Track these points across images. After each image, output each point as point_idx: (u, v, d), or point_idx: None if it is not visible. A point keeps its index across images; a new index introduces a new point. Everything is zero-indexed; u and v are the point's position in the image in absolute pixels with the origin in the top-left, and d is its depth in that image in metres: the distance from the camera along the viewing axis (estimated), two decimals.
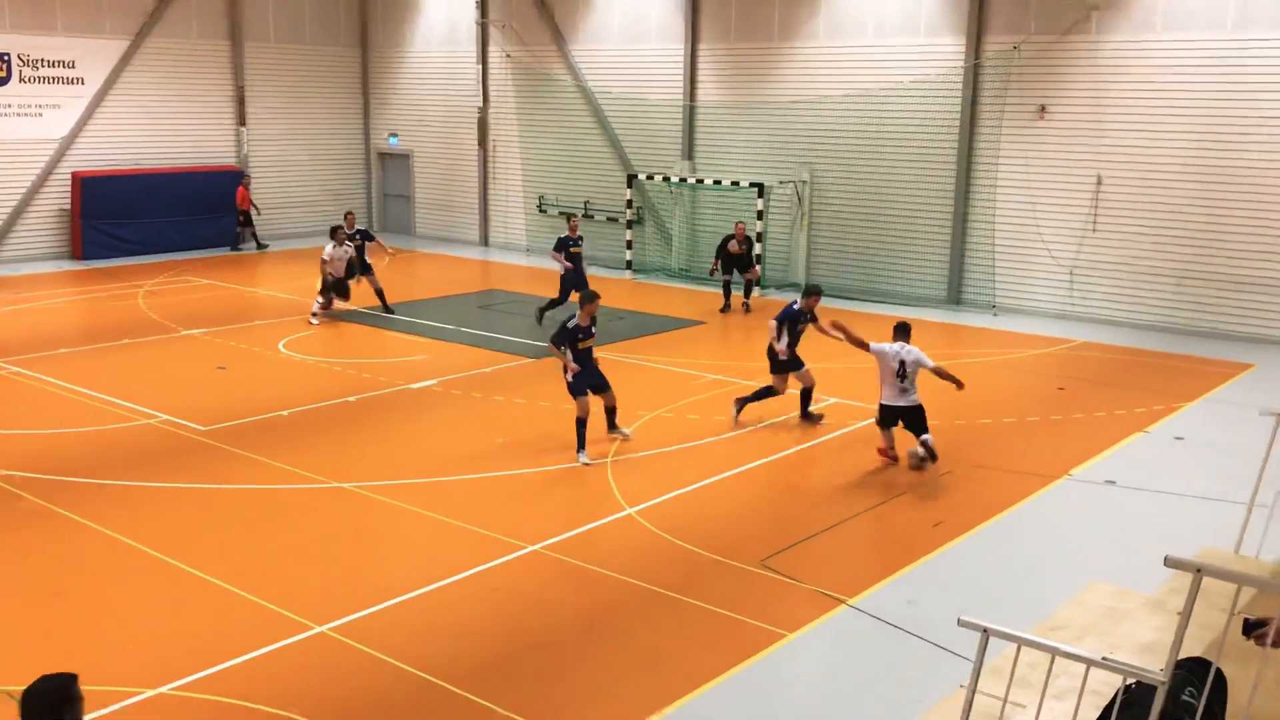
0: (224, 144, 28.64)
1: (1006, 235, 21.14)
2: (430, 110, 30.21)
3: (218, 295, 21.93)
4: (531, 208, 28.13)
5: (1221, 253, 19.01)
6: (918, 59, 21.66)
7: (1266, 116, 18.30)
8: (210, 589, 9.04)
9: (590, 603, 8.96)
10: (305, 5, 29.68)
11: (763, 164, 23.74)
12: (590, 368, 12.51)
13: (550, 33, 27.10)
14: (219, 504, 11.02)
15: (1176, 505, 11.29)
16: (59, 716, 4.10)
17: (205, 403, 14.28)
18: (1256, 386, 15.77)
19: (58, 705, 4.11)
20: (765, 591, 9.15)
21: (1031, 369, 16.94)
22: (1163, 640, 6.46)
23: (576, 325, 12.36)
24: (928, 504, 11.27)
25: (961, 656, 7.75)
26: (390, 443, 13.02)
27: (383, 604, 8.77)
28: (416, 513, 10.75)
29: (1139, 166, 19.62)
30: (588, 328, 12.47)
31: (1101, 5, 19.51)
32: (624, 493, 11.30)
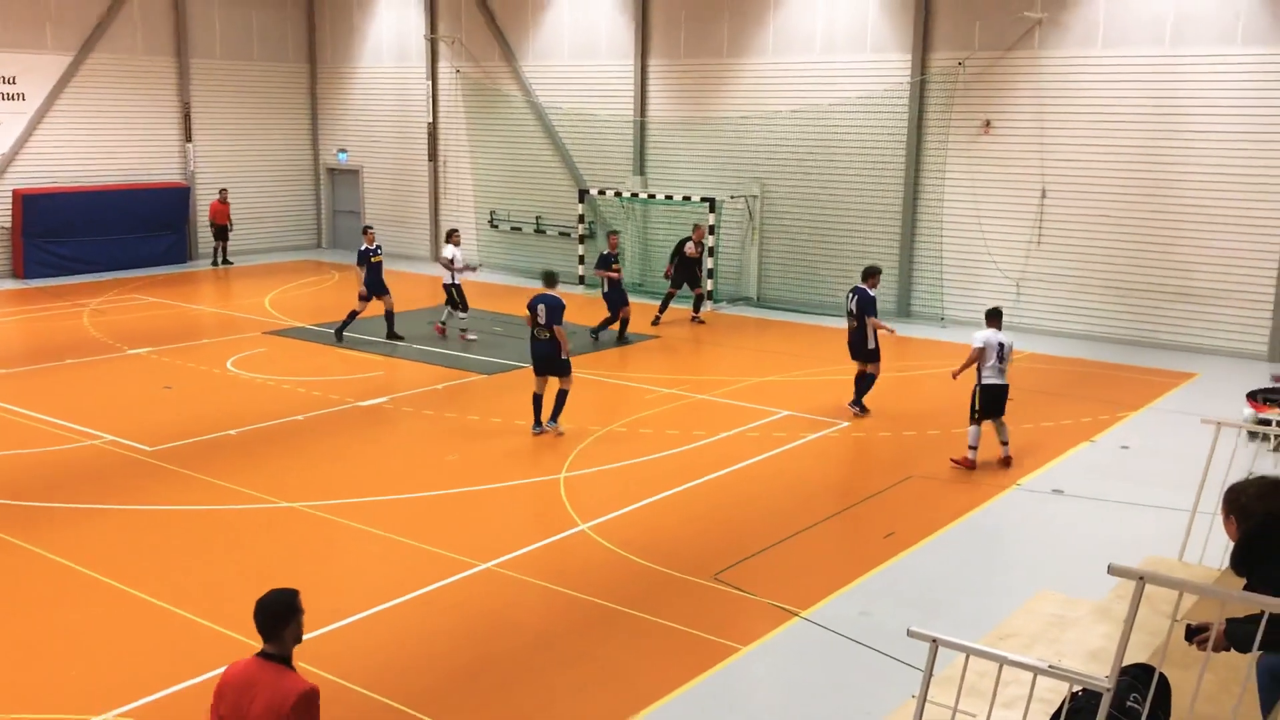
0: (170, 160, 28.32)
1: (954, 248, 21.41)
2: (380, 126, 30.08)
3: (164, 313, 21.65)
4: (483, 223, 28.07)
5: (1163, 264, 19.37)
6: (865, 75, 21.90)
7: (1204, 130, 18.70)
8: (158, 612, 8.90)
9: (544, 620, 8.93)
10: (252, 21, 29.46)
11: (714, 178, 23.87)
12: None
13: (500, 48, 27.11)
14: (166, 526, 10.86)
15: (1123, 513, 11.46)
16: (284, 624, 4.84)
17: (152, 423, 14.08)
18: (1199, 395, 16.07)
19: (285, 614, 4.88)
20: (719, 605, 9.17)
21: None
22: (1110, 647, 6.55)
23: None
24: (879, 515, 11.36)
25: (913, 666, 7.81)
26: (341, 461, 12.91)
27: (334, 625, 8.67)
28: (368, 532, 10.66)
29: (1082, 179, 19.97)
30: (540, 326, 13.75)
31: (1043, 18, 19.85)
32: (578, 508, 11.28)
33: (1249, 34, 18.18)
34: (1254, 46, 18.16)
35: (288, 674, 4.74)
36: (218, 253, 27.90)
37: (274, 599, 4.90)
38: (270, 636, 4.81)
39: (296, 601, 4.91)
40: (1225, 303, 18.89)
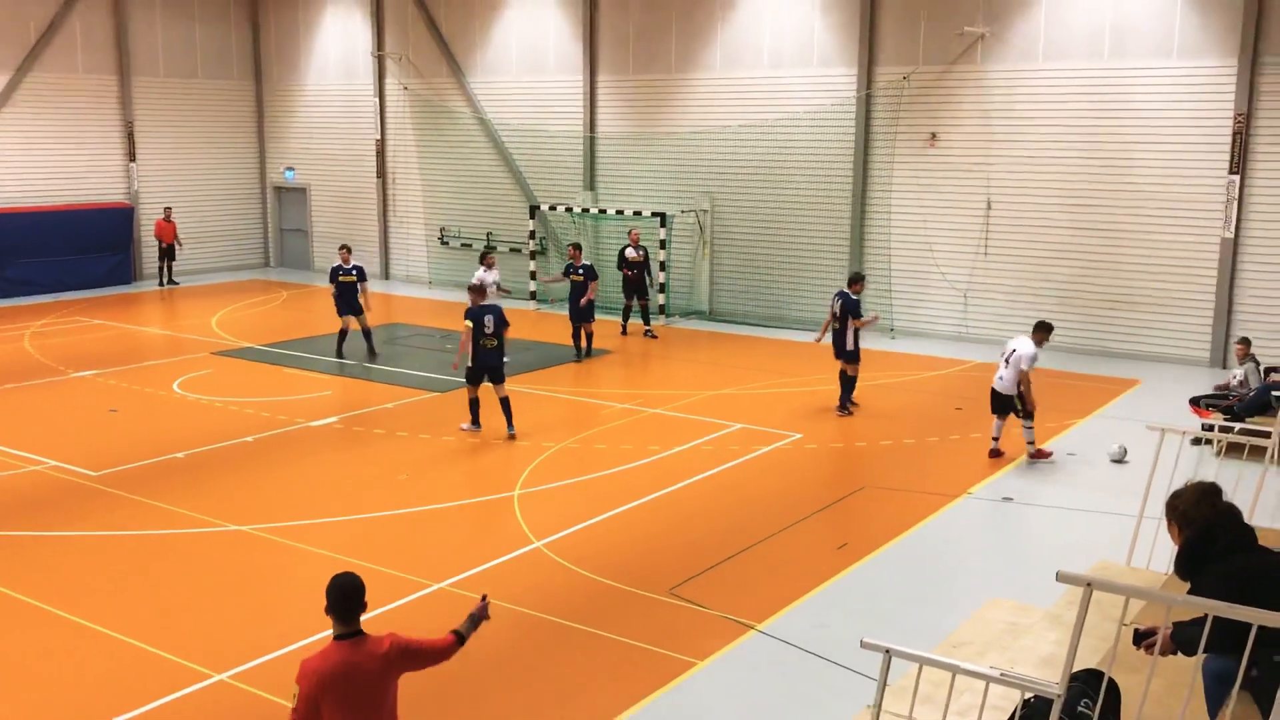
0: (113, 180, 27.93)
1: (902, 260, 21.62)
2: (327, 143, 29.88)
3: (109, 335, 21.31)
4: (433, 240, 27.94)
5: (1106, 273, 19.70)
6: (812, 90, 22.10)
7: (1142, 141, 19.06)
8: (105, 640, 8.73)
9: (498, 639, 8.85)
10: (196, 39, 29.16)
11: (664, 193, 23.95)
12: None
13: (448, 65, 27.05)
14: (112, 552, 10.67)
15: (1071, 520, 11.60)
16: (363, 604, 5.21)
17: (96, 447, 13.84)
18: (1143, 402, 16.33)
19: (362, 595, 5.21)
20: (675, 620, 9.16)
21: (930, 390, 17.30)
22: (1061, 653, 6.62)
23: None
24: (832, 526, 11.41)
25: (868, 677, 7.84)
26: (290, 483, 12.76)
27: (285, 649, 8.55)
28: (318, 554, 10.53)
29: (1026, 191, 20.27)
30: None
31: (985, 33, 20.15)
32: (531, 526, 11.22)
33: (1184, 47, 18.57)
34: (1189, 59, 18.55)
35: (372, 639, 5.21)
36: (163, 272, 27.62)
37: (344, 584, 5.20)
38: (346, 619, 5.18)
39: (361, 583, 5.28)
40: (1167, 310, 19.24)
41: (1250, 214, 18.43)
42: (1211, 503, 5.21)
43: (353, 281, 19.04)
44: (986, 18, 20.16)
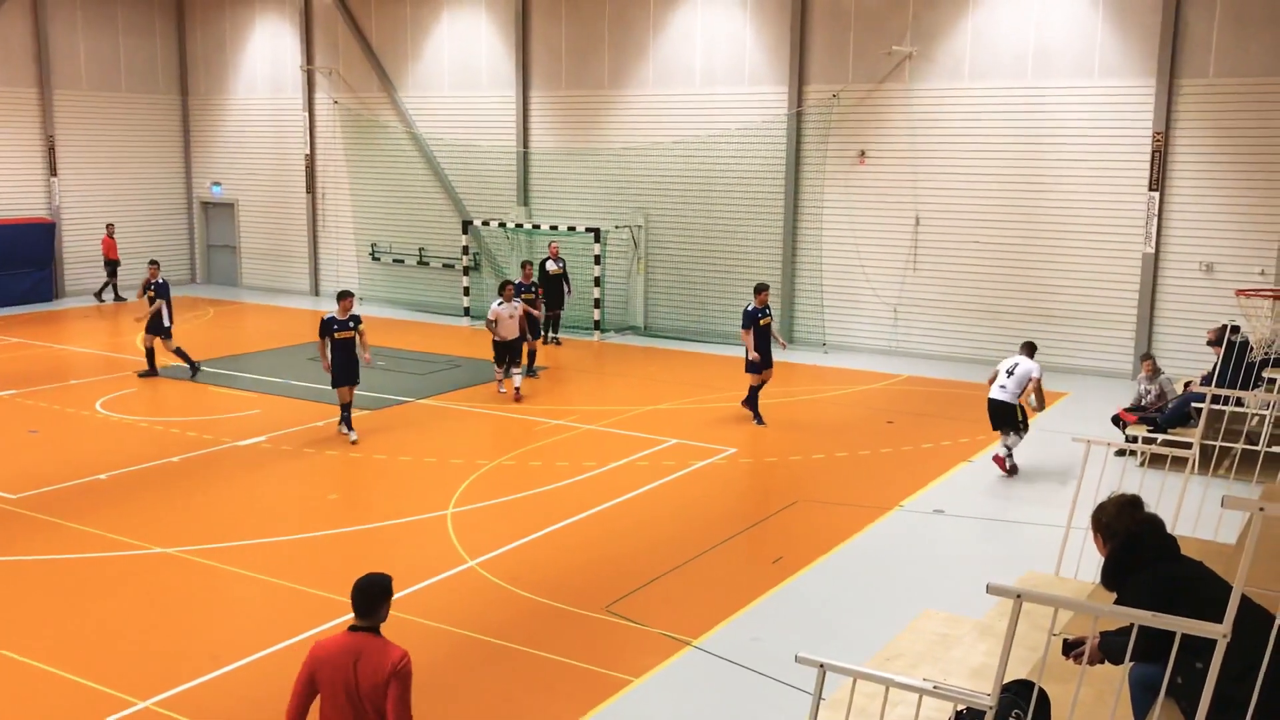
0: (34, 195, 27.28)
1: (833, 275, 21.85)
2: (255, 158, 29.47)
3: (29, 354, 20.76)
4: (364, 256, 27.66)
5: (1033, 287, 20.08)
6: (743, 107, 22.29)
7: (1065, 158, 19.49)
8: (23, 669, 8.47)
9: (433, 660, 8.75)
10: (120, 51, 28.62)
11: (598, 209, 23.97)
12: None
13: (379, 79, 26.85)
14: (31, 576, 10.37)
15: (1001, 531, 11.78)
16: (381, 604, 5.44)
17: (15, 469, 13.46)
18: (1070, 414, 16.64)
19: (382, 596, 5.47)
20: (611, 637, 9.12)
21: (861, 404, 17.48)
22: (993, 664, 6.68)
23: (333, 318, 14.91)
24: (767, 540, 11.46)
25: (803, 691, 7.87)
26: (217, 503, 12.51)
27: (212, 674, 8.38)
28: (246, 576, 10.33)
29: (954, 207, 20.61)
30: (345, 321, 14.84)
31: (913, 52, 20.49)
32: (465, 545, 11.12)
33: (1105, 66, 19.05)
34: (1109, 78, 19.03)
35: (385, 642, 5.35)
36: (105, 288, 27.31)
37: (373, 582, 5.50)
38: (367, 614, 5.38)
39: (390, 585, 5.55)
40: (1092, 324, 19.65)
41: (1169, 230, 18.92)
42: (1132, 514, 5.31)
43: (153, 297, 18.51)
44: (914, 37, 20.51)
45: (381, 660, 5.23)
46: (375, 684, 5.18)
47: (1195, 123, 18.58)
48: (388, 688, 5.19)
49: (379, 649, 5.28)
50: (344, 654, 5.28)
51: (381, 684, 5.19)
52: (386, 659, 5.23)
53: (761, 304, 15.87)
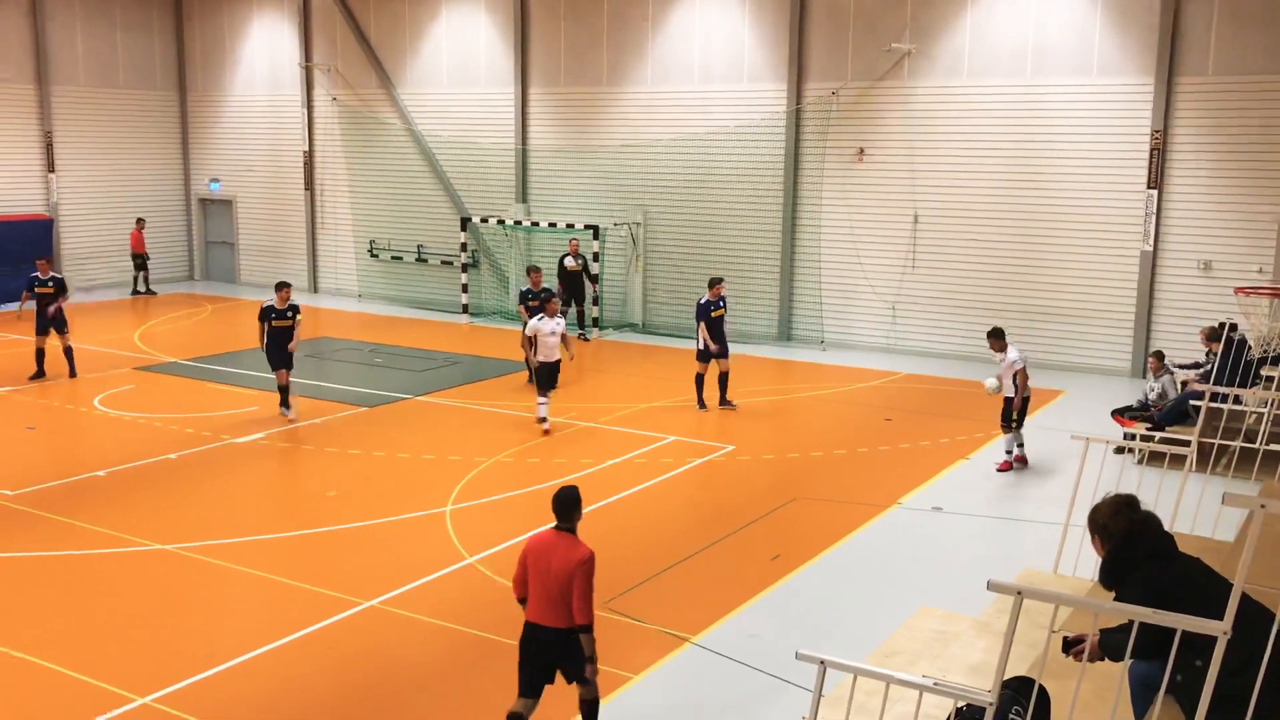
0: (32, 191, 27.24)
1: (832, 273, 21.85)
2: (254, 155, 29.43)
3: (26, 351, 20.72)
4: (363, 252, 27.64)
5: (1030, 285, 20.08)
6: (742, 104, 22.28)
7: (1064, 156, 19.49)
8: (22, 665, 8.47)
9: (431, 657, 8.76)
10: (118, 48, 28.58)
11: (597, 206, 23.95)
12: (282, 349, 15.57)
13: (378, 76, 26.82)
14: (30, 573, 10.36)
15: (999, 528, 11.79)
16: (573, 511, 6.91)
17: (13, 466, 13.44)
18: (1067, 412, 16.65)
19: (575, 504, 6.92)
20: (610, 634, 9.09)
21: (860, 401, 17.48)
22: (990, 661, 6.70)
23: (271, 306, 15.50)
24: (765, 538, 11.45)
25: (802, 687, 7.88)
26: (216, 500, 12.50)
27: (211, 670, 8.37)
28: (245, 573, 10.33)
29: (952, 204, 20.61)
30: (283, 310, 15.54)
31: (912, 50, 20.48)
32: (464, 541, 11.12)
33: (1103, 65, 19.05)
34: (1107, 76, 19.03)
35: (576, 542, 6.82)
36: (136, 282, 27.57)
37: (567, 494, 6.94)
38: (564, 518, 6.88)
39: (579, 496, 6.98)
40: (1090, 322, 19.66)
41: (1167, 228, 18.93)
42: (1128, 514, 5.31)
43: (50, 293, 18.10)
44: (913, 35, 20.50)
45: (571, 555, 6.71)
46: (564, 572, 6.68)
47: (1194, 121, 18.58)
48: (573, 577, 6.65)
49: (570, 545, 6.76)
50: (545, 546, 6.84)
51: (567, 573, 6.66)
52: (575, 554, 6.69)
53: (715, 296, 16.40)
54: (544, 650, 6.95)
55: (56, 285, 18.24)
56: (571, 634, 6.80)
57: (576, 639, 6.81)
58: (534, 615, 6.93)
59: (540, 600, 6.86)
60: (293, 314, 15.77)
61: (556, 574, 6.71)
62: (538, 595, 6.85)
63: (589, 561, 6.70)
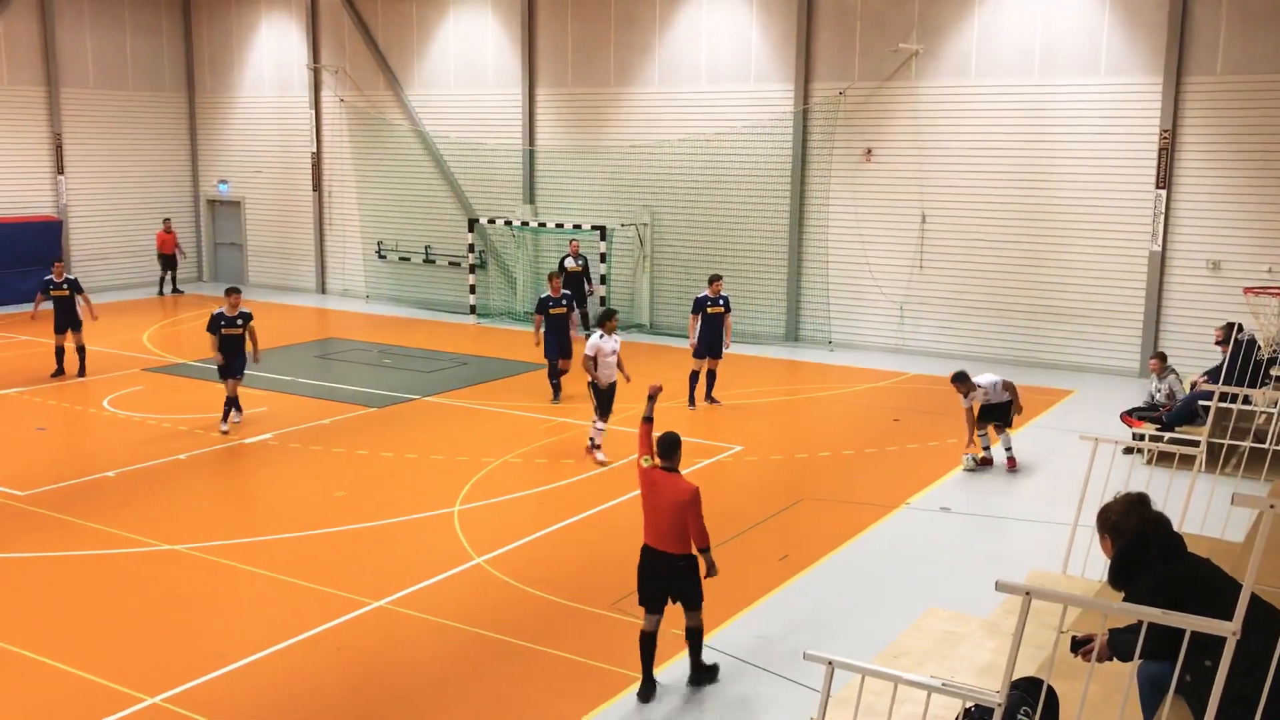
0: (41, 193, 27.33)
1: (839, 273, 21.84)
2: (262, 156, 29.50)
3: (37, 352, 20.80)
4: (370, 254, 27.69)
5: (1039, 285, 20.05)
6: (749, 104, 22.27)
7: (1072, 156, 19.46)
8: (32, 665, 8.50)
9: (440, 657, 8.78)
10: (126, 50, 28.67)
11: (604, 207, 23.97)
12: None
13: (385, 77, 26.87)
14: (40, 574, 10.40)
15: (1007, 529, 11.77)
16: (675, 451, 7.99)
17: (24, 466, 13.49)
18: (1076, 412, 16.62)
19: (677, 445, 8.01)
20: (618, 635, 9.12)
21: (867, 402, 17.47)
22: (999, 661, 6.69)
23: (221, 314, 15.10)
24: (773, 538, 11.45)
25: (809, 688, 7.89)
26: (225, 501, 12.53)
27: (220, 670, 8.39)
28: (254, 573, 10.35)
29: (960, 204, 20.58)
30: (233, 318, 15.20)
31: (919, 50, 20.46)
32: (472, 542, 11.13)
33: (1111, 64, 19.01)
34: (1116, 76, 18.99)
35: (679, 479, 7.86)
36: (164, 282, 27.83)
37: (670, 438, 7.99)
38: (666, 457, 7.94)
39: (679, 439, 8.05)
40: (1098, 321, 19.62)
41: (1176, 228, 18.88)
42: (1140, 513, 5.29)
43: (67, 296, 18.36)
44: (921, 35, 20.48)
45: (679, 490, 7.72)
46: (674, 504, 7.70)
47: (1202, 120, 18.53)
48: (683, 510, 7.67)
49: (675, 482, 7.81)
50: (654, 483, 7.85)
51: (677, 506, 7.68)
52: (683, 490, 7.71)
53: (714, 294, 16.52)
54: (658, 571, 7.88)
55: (71, 286, 18.46)
56: (679, 560, 7.79)
57: (684, 565, 7.82)
58: (650, 540, 7.92)
59: (653, 528, 7.86)
60: (243, 321, 15.29)
61: (667, 509, 7.69)
62: (651, 524, 7.84)
63: (695, 495, 7.69)
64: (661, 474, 7.91)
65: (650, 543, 7.93)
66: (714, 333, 16.48)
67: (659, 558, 7.88)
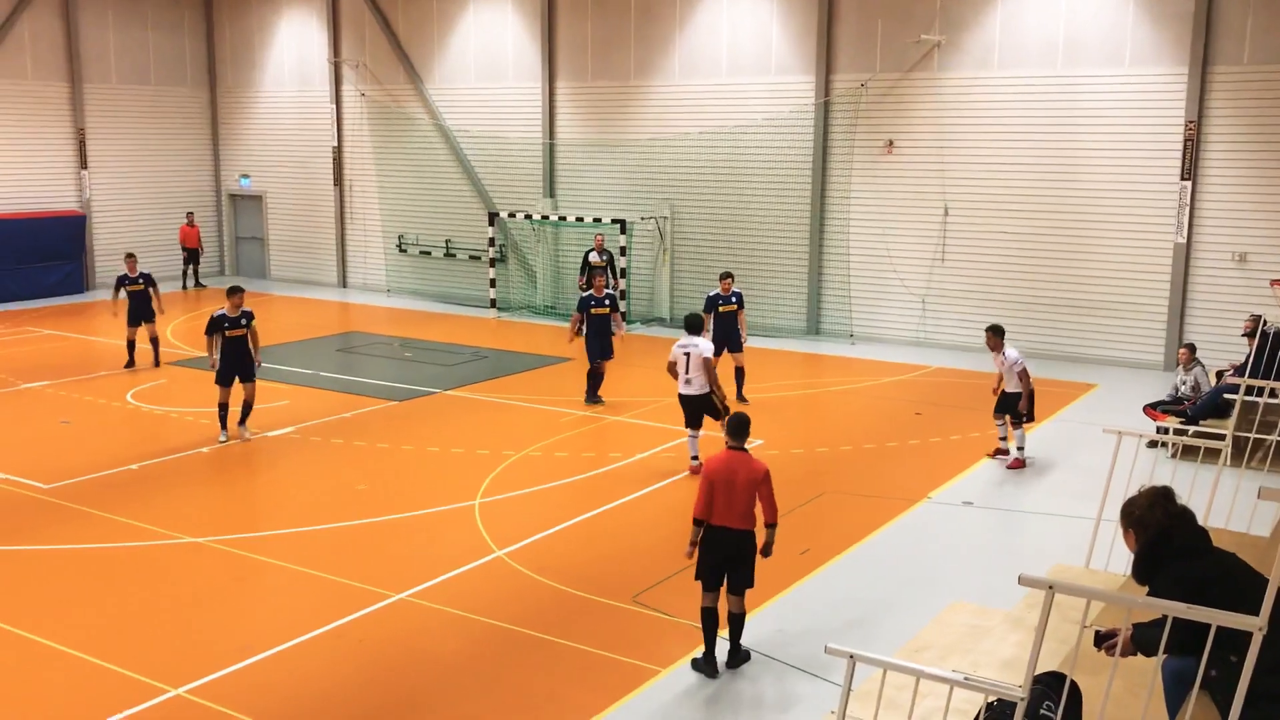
0: (65, 188, 27.53)
1: (861, 266, 21.75)
2: (283, 150, 29.62)
3: (60, 346, 20.97)
4: (391, 247, 27.77)
5: (1061, 278, 19.92)
6: (770, 97, 22.20)
7: (1096, 148, 19.31)
8: (57, 656, 8.57)
9: (461, 649, 8.80)
10: (149, 45, 28.82)
11: (624, 200, 23.95)
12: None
13: (406, 71, 26.91)
14: (65, 566, 10.48)
15: (1030, 523, 11.70)
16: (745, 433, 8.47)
17: (48, 459, 13.60)
18: (1099, 405, 16.51)
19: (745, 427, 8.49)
20: (638, 628, 9.13)
21: (889, 395, 17.40)
22: (1022, 656, 6.66)
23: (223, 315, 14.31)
24: (794, 532, 11.40)
25: (831, 682, 7.87)
26: (247, 494, 12.60)
27: (243, 662, 8.44)
28: (276, 565, 10.40)
29: (982, 197, 20.46)
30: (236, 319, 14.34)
31: (942, 41, 20.34)
32: (493, 535, 11.15)
33: (1135, 55, 18.84)
34: (1140, 67, 18.82)
35: (751, 458, 8.35)
36: (187, 276, 28.08)
37: (741, 420, 8.54)
38: (736, 437, 8.42)
39: (748, 421, 8.56)
40: (1122, 315, 19.48)
41: (1201, 220, 18.72)
42: (1165, 507, 5.24)
43: (142, 290, 18.71)
44: (943, 25, 20.35)
45: (753, 467, 8.24)
46: (750, 481, 8.17)
47: (1229, 111, 18.35)
48: (759, 486, 8.21)
49: (748, 460, 8.29)
50: (727, 463, 8.26)
51: (753, 483, 8.18)
52: (757, 468, 8.25)
53: (725, 291, 16.48)
54: (725, 547, 8.22)
55: (146, 280, 18.81)
56: (748, 535, 8.24)
57: (750, 541, 8.26)
58: (720, 520, 8.21)
59: (726, 508, 8.18)
60: (247, 321, 14.42)
61: (742, 486, 8.12)
62: (724, 505, 8.16)
63: (768, 473, 8.27)
64: (735, 454, 8.31)
65: (721, 522, 8.21)
66: (727, 329, 16.41)
67: (728, 535, 8.21)
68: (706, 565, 8.31)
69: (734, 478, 8.16)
